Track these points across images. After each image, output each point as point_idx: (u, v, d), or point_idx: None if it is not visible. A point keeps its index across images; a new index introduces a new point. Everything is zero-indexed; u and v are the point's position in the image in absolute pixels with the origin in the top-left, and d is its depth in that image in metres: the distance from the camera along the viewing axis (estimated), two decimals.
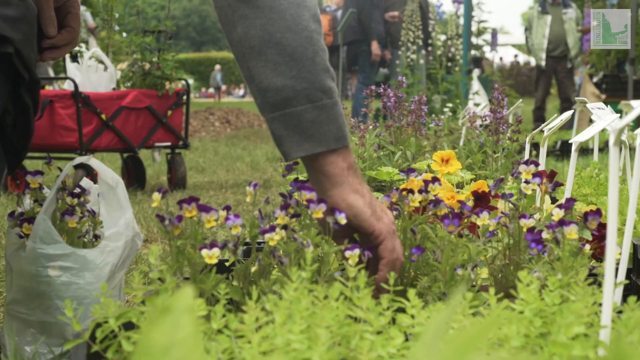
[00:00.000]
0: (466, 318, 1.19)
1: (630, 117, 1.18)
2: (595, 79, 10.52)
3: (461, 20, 11.17)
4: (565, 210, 1.49)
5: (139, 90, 5.30)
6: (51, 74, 9.77)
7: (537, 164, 1.66)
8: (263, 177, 6.03)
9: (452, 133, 5.04)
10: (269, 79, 1.39)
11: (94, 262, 1.58)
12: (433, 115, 6.09)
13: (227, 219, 1.50)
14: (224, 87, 34.93)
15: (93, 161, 1.62)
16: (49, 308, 1.57)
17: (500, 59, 27.88)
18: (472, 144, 3.39)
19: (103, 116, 5.08)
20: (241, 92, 35.55)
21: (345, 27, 9.13)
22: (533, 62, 13.10)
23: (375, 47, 9.22)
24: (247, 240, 1.52)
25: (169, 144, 5.53)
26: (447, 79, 10.37)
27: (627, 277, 2.00)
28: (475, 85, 10.56)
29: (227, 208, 1.53)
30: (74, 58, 5.36)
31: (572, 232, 1.42)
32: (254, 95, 1.46)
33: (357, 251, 1.48)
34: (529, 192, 1.65)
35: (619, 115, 2.06)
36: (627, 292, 1.98)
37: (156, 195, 1.47)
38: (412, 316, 1.26)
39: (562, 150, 6.96)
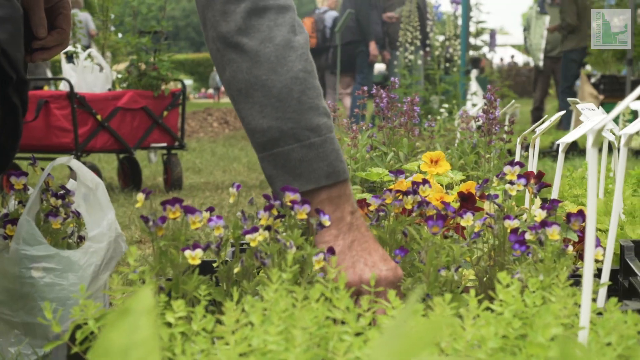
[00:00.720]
0: (445, 319, 1.19)
1: (608, 119, 1.18)
2: (593, 80, 10.51)
3: (459, 21, 11.17)
4: (548, 211, 1.49)
5: (134, 91, 5.30)
6: (49, 74, 9.77)
7: (521, 165, 1.66)
8: (259, 177, 6.03)
9: (447, 134, 5.03)
10: (255, 120, 1.42)
11: (78, 263, 1.58)
12: (429, 116, 6.08)
13: (209, 220, 1.50)
14: (223, 88, 34.87)
15: (73, 162, 1.62)
16: (32, 309, 1.57)
17: (501, 59, 27.88)
18: (465, 145, 3.39)
19: (99, 117, 5.08)
20: None
21: (343, 28, 9.13)
22: (532, 62, 13.10)
23: (373, 47, 9.22)
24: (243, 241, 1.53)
25: (164, 144, 5.53)
26: (445, 80, 10.36)
27: (614, 278, 2.00)
28: (473, 85, 10.56)
29: (210, 209, 1.53)
30: (70, 59, 5.37)
31: (554, 233, 1.42)
32: (247, 135, 1.50)
33: (334, 257, 1.48)
34: (514, 193, 1.65)
35: (607, 115, 2.05)
36: (615, 293, 1.98)
37: (140, 196, 1.47)
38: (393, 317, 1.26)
39: (558, 151, 6.95)
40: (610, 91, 9.98)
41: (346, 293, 1.21)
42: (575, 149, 6.81)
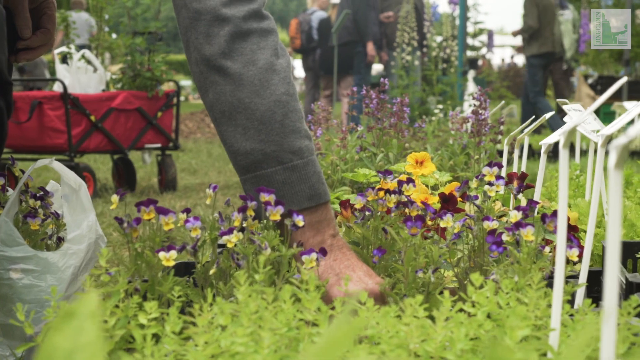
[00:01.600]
0: (415, 320, 1.19)
1: (575, 121, 1.18)
2: (590, 81, 10.51)
3: (457, 22, 11.16)
4: (524, 213, 1.49)
5: (128, 92, 5.30)
6: (47, 75, 9.77)
7: (500, 167, 1.66)
8: None
9: (441, 135, 5.03)
10: (238, 142, 1.43)
11: (56, 265, 1.58)
12: (423, 117, 6.08)
13: (186, 221, 1.49)
14: None
15: (55, 164, 1.62)
16: (10, 311, 1.57)
17: (502, 60, 27.84)
18: (455, 146, 3.38)
19: (92, 118, 5.08)
20: None
21: (340, 28, 9.13)
22: None
23: (370, 48, 9.20)
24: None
25: (159, 145, 5.53)
26: (443, 80, 10.36)
27: (597, 279, 2.00)
28: (471, 86, 10.56)
29: (187, 211, 1.53)
30: (64, 59, 5.37)
31: (528, 234, 1.41)
32: (229, 157, 1.50)
33: (313, 255, 1.48)
34: (493, 195, 1.65)
35: (590, 116, 2.05)
36: (598, 294, 1.98)
37: (114, 198, 1.47)
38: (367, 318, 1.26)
39: (554, 152, 6.95)
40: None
41: (317, 294, 1.21)
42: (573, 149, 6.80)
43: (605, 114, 9.10)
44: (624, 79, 1.36)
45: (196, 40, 1.49)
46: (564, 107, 2.37)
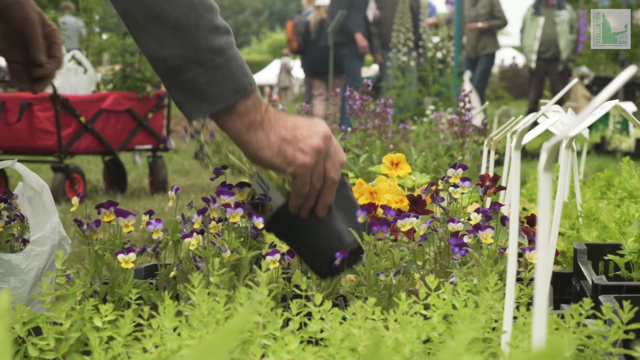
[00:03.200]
0: (366, 323, 1.19)
1: (527, 124, 1.17)
2: (586, 81, 10.50)
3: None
4: (484, 215, 1.48)
5: (119, 93, 5.30)
6: None
7: (465, 168, 1.65)
8: None
9: (431, 136, 5.03)
10: (156, 51, 1.37)
11: (19, 266, 1.58)
12: (415, 118, 6.07)
13: (148, 223, 1.49)
14: None
15: (18, 166, 1.62)
16: None
17: (502, 60, 27.81)
18: (440, 147, 3.38)
19: (82, 119, 5.08)
20: None
21: (335, 29, 9.11)
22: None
23: (360, 38, 9.13)
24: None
25: (149, 146, 5.53)
26: (439, 81, 10.35)
27: (568, 281, 2.00)
28: (467, 87, 10.55)
29: (150, 212, 1.52)
30: None
31: (487, 236, 1.41)
32: (149, 64, 1.45)
33: (277, 256, 1.48)
34: (457, 196, 1.64)
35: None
36: (569, 297, 1.97)
37: (75, 200, 1.46)
38: (322, 319, 1.26)
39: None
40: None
41: (268, 296, 1.21)
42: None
43: (602, 115, 9.09)
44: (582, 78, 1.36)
45: None
46: (543, 109, 2.36)
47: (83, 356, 1.29)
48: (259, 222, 1.43)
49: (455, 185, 1.64)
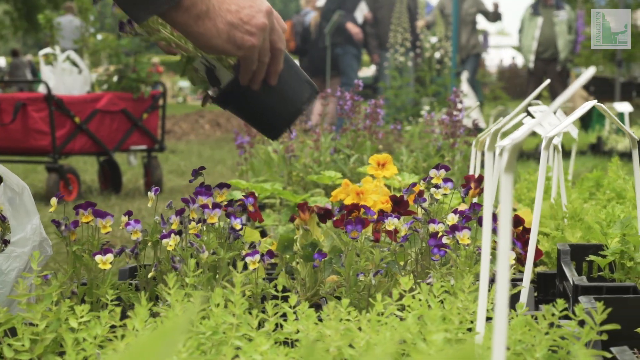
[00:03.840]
0: (340, 324, 1.19)
1: (496, 126, 1.17)
2: None
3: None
4: (461, 215, 1.48)
5: (113, 93, 5.30)
6: (29, 76, 9.76)
7: (447, 169, 1.65)
8: None
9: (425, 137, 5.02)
10: None
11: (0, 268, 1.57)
12: (411, 118, 6.07)
13: (127, 224, 1.49)
14: None
15: None
16: None
17: (500, 60, 27.80)
18: (430, 148, 3.38)
19: (77, 119, 5.08)
20: None
21: (333, 29, 9.11)
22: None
23: (351, 26, 9.10)
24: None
25: (144, 147, 5.53)
26: (437, 82, 10.34)
27: (552, 282, 2.00)
28: (465, 87, 10.55)
29: (129, 213, 1.52)
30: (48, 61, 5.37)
31: (464, 237, 1.41)
32: None
33: (257, 257, 1.48)
34: (439, 197, 1.64)
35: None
36: (553, 297, 1.97)
37: (53, 201, 1.46)
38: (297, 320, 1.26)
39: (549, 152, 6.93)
40: (601, 93, 9.97)
41: (242, 297, 1.21)
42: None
43: (598, 115, 9.09)
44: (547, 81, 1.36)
45: None
46: (530, 109, 2.36)
47: (58, 357, 1.29)
48: (237, 224, 1.44)
49: (437, 186, 1.64)
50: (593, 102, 1.58)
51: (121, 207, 4.87)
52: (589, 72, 0.81)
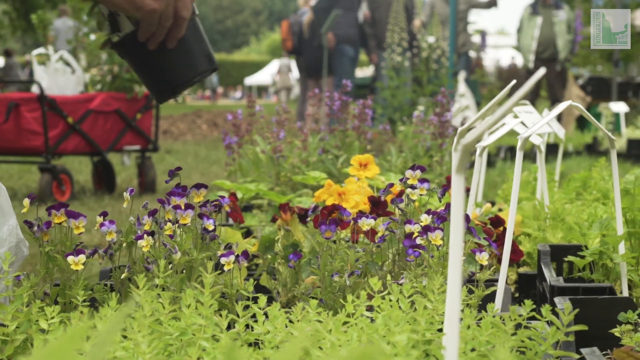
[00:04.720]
0: (308, 324, 1.19)
1: (462, 127, 1.17)
2: (580, 81, 10.49)
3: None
4: (435, 216, 1.48)
5: (107, 93, 5.30)
6: (22, 76, 9.75)
7: (423, 169, 1.65)
8: None
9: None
10: None
11: None
12: (406, 118, 6.06)
13: (102, 225, 1.49)
14: (220, 90, 34.92)
15: None
16: None
17: (498, 60, 27.75)
18: (419, 148, 3.38)
19: (70, 119, 5.08)
20: (238, 94, 35.55)
21: (330, 29, 9.10)
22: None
23: (330, 37, 9.10)
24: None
25: (138, 147, 5.52)
26: (434, 82, 10.33)
27: (533, 283, 2.00)
28: (462, 87, 10.54)
29: (104, 214, 1.52)
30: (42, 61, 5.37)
31: (437, 238, 1.41)
32: None
33: (231, 257, 1.48)
34: (415, 198, 1.64)
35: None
36: (534, 298, 1.97)
37: (25, 201, 1.46)
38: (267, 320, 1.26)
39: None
40: (598, 92, 9.96)
41: (211, 299, 1.21)
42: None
43: (595, 116, 9.08)
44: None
45: None
46: (515, 110, 2.36)
47: (28, 358, 1.29)
48: (210, 224, 1.44)
49: (413, 187, 1.64)
50: (567, 103, 1.58)
51: (114, 207, 4.86)
52: (539, 74, 0.81)
